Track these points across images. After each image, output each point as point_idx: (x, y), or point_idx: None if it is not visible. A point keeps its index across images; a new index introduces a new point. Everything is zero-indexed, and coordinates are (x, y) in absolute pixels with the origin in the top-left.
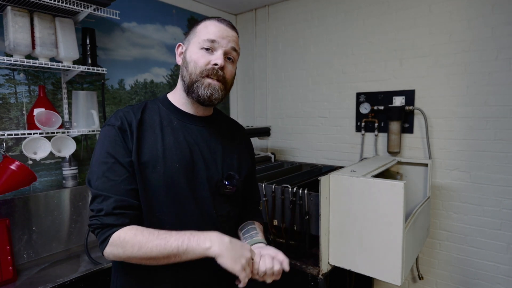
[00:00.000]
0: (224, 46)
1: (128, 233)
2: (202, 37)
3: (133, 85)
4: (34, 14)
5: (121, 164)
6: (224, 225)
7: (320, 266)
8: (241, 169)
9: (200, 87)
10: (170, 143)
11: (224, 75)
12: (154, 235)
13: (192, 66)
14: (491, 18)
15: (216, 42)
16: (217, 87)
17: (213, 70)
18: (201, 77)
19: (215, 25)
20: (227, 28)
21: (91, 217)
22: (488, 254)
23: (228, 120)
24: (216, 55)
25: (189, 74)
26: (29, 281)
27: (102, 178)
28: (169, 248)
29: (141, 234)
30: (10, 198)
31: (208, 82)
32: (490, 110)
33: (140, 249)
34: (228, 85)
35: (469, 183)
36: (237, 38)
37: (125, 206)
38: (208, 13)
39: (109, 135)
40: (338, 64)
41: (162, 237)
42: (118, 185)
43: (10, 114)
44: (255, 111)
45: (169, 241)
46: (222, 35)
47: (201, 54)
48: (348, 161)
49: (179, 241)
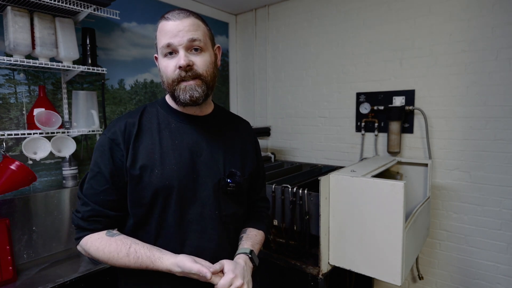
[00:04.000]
0: (181, 43)
1: (94, 242)
2: (159, 44)
3: (133, 85)
4: (34, 14)
5: (103, 175)
6: (229, 226)
7: (320, 266)
8: (245, 166)
9: (180, 93)
10: (168, 146)
11: (196, 70)
12: (116, 247)
13: (165, 77)
14: (491, 18)
15: (172, 44)
16: (193, 86)
17: (180, 73)
18: (176, 84)
19: (165, 25)
20: (177, 21)
21: (73, 212)
22: (488, 254)
23: (230, 116)
24: (178, 57)
25: (167, 85)
26: (29, 281)
27: (87, 184)
28: (127, 263)
29: (105, 244)
30: (10, 198)
31: (184, 86)
32: (490, 110)
33: (103, 257)
34: (207, 76)
35: (469, 183)
36: (194, 23)
37: (100, 215)
38: (208, 13)
39: (100, 145)
40: (338, 64)
41: (123, 252)
42: (98, 194)
43: (10, 114)
44: (255, 111)
45: (129, 257)
46: (174, 33)
47: (166, 62)
48: (348, 161)
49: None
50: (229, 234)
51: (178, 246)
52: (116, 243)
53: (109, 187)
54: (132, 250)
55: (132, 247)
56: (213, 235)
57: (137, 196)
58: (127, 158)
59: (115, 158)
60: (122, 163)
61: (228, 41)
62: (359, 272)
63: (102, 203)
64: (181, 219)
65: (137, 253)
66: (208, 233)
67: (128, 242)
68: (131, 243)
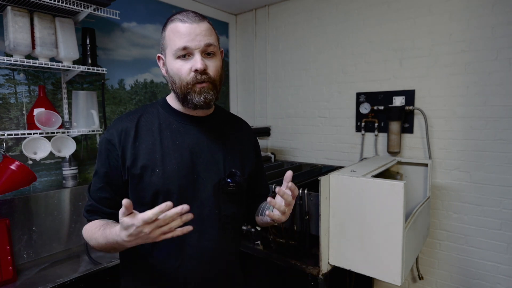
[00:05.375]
0: (198, 47)
1: (86, 226)
2: (174, 46)
3: (133, 85)
4: (34, 14)
5: (99, 174)
6: (228, 226)
7: (320, 266)
8: (245, 166)
9: (194, 96)
10: (169, 146)
11: (209, 74)
12: (96, 228)
13: (178, 79)
14: (491, 18)
15: (189, 47)
16: (207, 89)
17: (196, 76)
18: (191, 87)
19: (180, 27)
20: (194, 24)
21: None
22: (488, 254)
23: (230, 117)
24: (195, 60)
25: (179, 88)
26: (29, 281)
27: (92, 180)
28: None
29: (93, 227)
30: (10, 198)
31: (199, 89)
32: (490, 110)
33: (90, 241)
34: (217, 81)
35: (469, 183)
36: (209, 28)
37: (96, 211)
38: (208, 13)
39: (100, 145)
40: (338, 64)
41: (99, 231)
42: (95, 192)
43: (10, 114)
44: (255, 111)
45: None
46: (192, 36)
47: (179, 64)
48: (348, 161)
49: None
50: (228, 234)
51: (178, 245)
52: (94, 224)
53: (103, 186)
54: (99, 231)
55: (101, 228)
56: (213, 235)
57: (137, 195)
58: (124, 158)
59: (111, 158)
60: (118, 163)
61: (228, 41)
62: (359, 272)
63: (99, 200)
64: None
65: (100, 232)
66: (208, 232)
67: (102, 223)
68: (102, 224)
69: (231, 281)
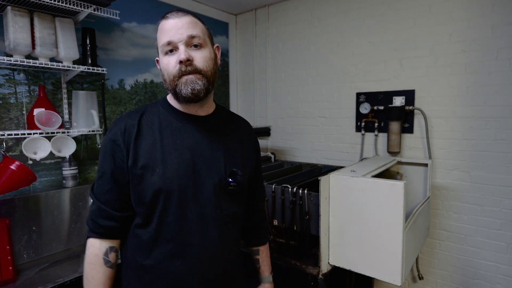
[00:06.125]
0: (181, 40)
1: (87, 258)
2: (160, 43)
3: (133, 85)
4: (34, 14)
5: (106, 175)
6: (229, 225)
7: (320, 266)
8: (246, 165)
9: (182, 88)
10: (169, 145)
11: (196, 65)
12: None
13: (166, 74)
14: (491, 18)
15: (172, 41)
16: (194, 79)
17: (181, 68)
18: (177, 79)
19: (165, 24)
20: (176, 19)
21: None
22: (488, 254)
23: (231, 116)
24: (178, 52)
25: (168, 82)
26: (29, 281)
27: (96, 184)
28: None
29: (87, 269)
30: (10, 198)
31: (185, 79)
32: (490, 110)
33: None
34: (208, 71)
35: (469, 183)
36: (192, 21)
37: (105, 216)
38: (208, 13)
39: (104, 146)
40: (338, 64)
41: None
42: (104, 194)
43: (10, 114)
44: (255, 111)
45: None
46: (174, 31)
47: (166, 60)
48: (348, 161)
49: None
50: (230, 234)
51: (179, 245)
52: (94, 281)
53: (112, 187)
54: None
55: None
56: (214, 235)
57: (138, 195)
58: (128, 157)
59: (116, 158)
60: (123, 163)
61: (228, 41)
62: (359, 272)
63: (108, 203)
64: (182, 218)
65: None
66: (209, 232)
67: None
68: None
69: (233, 280)
